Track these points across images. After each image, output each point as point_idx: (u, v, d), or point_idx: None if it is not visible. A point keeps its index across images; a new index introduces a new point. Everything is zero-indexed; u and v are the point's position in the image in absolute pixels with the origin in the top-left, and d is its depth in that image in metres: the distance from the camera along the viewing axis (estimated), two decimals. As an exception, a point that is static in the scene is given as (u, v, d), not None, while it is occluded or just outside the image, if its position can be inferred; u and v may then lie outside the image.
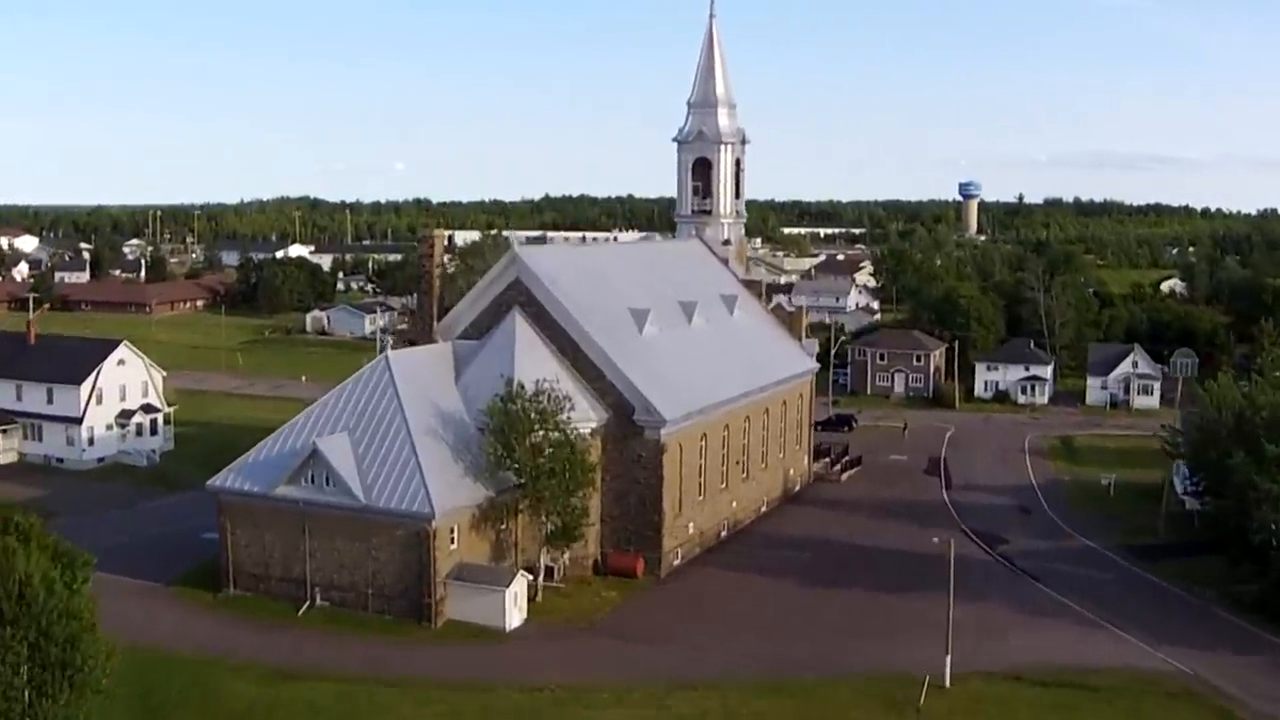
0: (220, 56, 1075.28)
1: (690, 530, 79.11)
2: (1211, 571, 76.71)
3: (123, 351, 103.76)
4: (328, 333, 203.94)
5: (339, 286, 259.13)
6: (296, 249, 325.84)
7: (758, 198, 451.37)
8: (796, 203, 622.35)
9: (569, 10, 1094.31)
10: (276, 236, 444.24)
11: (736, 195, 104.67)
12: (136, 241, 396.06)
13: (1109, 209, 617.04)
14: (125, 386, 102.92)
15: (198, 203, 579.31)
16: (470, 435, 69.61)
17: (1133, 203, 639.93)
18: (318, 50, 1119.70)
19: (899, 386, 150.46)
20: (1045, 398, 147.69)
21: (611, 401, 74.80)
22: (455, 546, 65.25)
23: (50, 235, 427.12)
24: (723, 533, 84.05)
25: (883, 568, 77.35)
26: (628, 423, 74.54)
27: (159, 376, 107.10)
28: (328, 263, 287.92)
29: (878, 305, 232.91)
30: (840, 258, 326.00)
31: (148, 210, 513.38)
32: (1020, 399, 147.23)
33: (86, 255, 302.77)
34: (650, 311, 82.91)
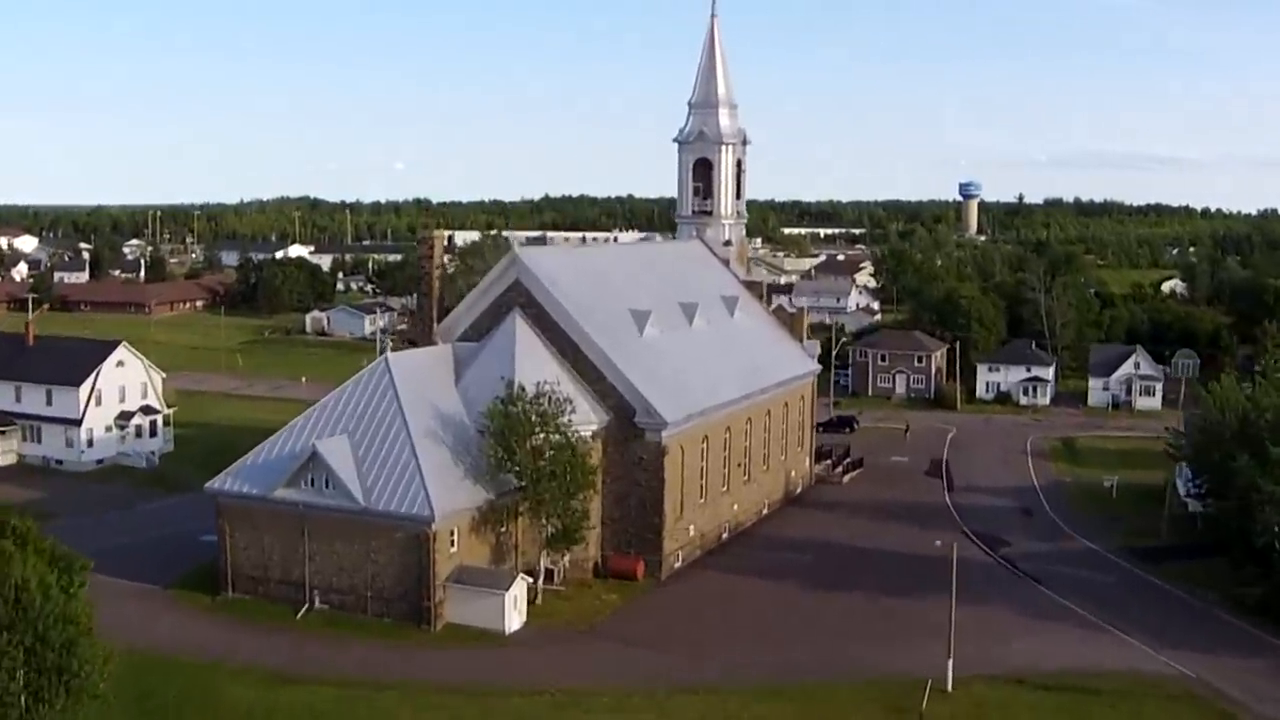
0: (220, 56, 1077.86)
1: (691, 533, 78.89)
2: (1214, 574, 76.53)
3: (122, 352, 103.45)
4: (327, 333, 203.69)
5: (339, 287, 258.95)
6: (296, 249, 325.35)
7: (758, 198, 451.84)
8: (796, 203, 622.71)
9: (569, 10, 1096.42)
10: (276, 237, 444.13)
11: (737, 196, 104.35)
12: (136, 242, 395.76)
13: (1109, 209, 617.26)
14: (124, 388, 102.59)
15: (197, 203, 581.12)
16: (470, 438, 69.39)
17: (1133, 203, 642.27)
18: (317, 50, 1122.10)
19: (900, 388, 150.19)
20: (1047, 399, 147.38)
21: (612, 404, 74.57)
22: (455, 549, 65.04)
23: (50, 235, 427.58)
24: (724, 535, 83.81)
25: (884, 570, 77.14)
26: (628, 425, 74.31)
27: (158, 378, 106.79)
28: (327, 263, 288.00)
29: (878, 306, 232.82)
30: (840, 258, 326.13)
31: (147, 210, 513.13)
32: (1022, 400, 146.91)
33: (86, 255, 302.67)
34: (651, 313, 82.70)
